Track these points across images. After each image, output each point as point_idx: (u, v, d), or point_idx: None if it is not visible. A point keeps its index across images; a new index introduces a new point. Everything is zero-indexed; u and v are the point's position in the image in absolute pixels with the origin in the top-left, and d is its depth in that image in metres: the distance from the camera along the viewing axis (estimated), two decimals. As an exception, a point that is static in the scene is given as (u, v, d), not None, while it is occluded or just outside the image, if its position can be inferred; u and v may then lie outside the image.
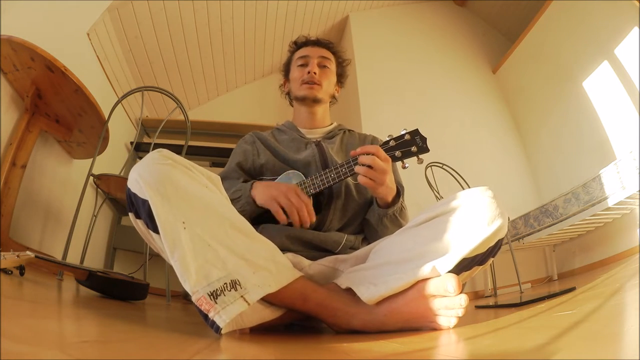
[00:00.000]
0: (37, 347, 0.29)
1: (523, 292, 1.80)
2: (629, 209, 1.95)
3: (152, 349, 0.39)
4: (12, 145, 1.31)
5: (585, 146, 2.49)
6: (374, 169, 0.76)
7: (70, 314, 0.60)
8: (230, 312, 0.51)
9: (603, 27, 2.39)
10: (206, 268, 0.54)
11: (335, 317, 0.63)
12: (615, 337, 0.41)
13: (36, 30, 1.42)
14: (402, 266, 0.62)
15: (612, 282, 1.23)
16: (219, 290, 0.52)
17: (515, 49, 3.11)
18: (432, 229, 0.65)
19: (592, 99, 2.47)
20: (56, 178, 1.68)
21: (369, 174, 0.76)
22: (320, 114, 1.08)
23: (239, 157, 1.00)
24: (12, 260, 0.75)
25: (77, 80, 1.32)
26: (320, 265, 0.78)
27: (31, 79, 1.33)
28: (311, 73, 1.03)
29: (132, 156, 2.19)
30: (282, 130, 1.08)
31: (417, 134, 0.82)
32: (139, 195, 0.58)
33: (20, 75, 1.32)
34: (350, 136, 1.09)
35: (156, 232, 0.56)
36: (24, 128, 1.35)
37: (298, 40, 1.15)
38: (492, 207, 0.61)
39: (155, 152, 0.60)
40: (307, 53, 1.08)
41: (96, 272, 1.02)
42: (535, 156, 2.97)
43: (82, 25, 1.88)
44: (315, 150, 0.97)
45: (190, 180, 0.59)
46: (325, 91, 1.06)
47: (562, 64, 2.73)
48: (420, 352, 0.44)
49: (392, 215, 0.86)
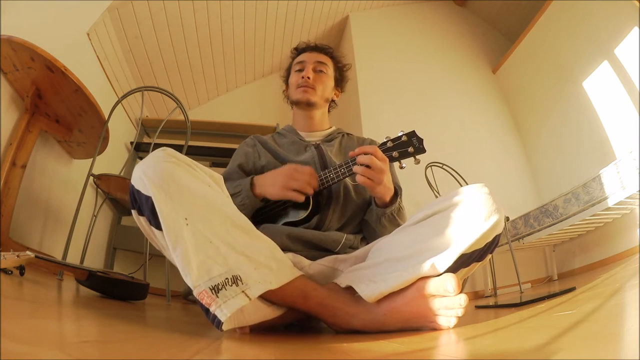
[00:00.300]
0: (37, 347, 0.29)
1: (523, 292, 1.80)
2: (629, 209, 1.95)
3: (152, 349, 0.39)
4: (12, 145, 1.31)
5: (585, 146, 2.49)
6: (372, 169, 0.78)
7: (70, 314, 0.60)
8: (231, 306, 0.52)
9: (603, 27, 2.39)
10: (208, 263, 0.54)
11: (335, 316, 0.63)
12: (615, 337, 0.41)
13: (36, 30, 1.41)
14: (402, 263, 0.63)
15: (612, 282, 1.23)
16: (221, 284, 0.53)
17: (515, 49, 3.11)
18: (430, 227, 0.66)
19: (592, 99, 2.47)
20: (56, 178, 1.68)
21: (367, 173, 0.78)
22: (318, 117, 1.10)
23: (240, 159, 1.02)
24: (12, 260, 0.75)
25: (77, 80, 1.32)
26: (320, 265, 0.78)
27: (31, 79, 1.33)
28: (305, 77, 1.05)
29: (132, 156, 2.19)
30: (282, 134, 1.11)
31: (414, 135, 0.84)
32: (142, 192, 0.59)
33: (20, 75, 1.32)
34: (348, 139, 1.11)
35: (159, 229, 0.57)
36: (24, 128, 1.35)
37: (298, 46, 1.17)
38: (488, 203, 0.62)
39: (159, 150, 0.62)
40: (304, 59, 1.10)
41: (96, 272, 1.02)
42: (535, 156, 2.97)
43: (82, 25, 1.88)
44: (314, 152, 0.98)
45: (193, 179, 0.60)
46: (319, 95, 1.07)
47: (562, 64, 2.73)
48: (420, 352, 0.44)
49: (390, 215, 0.87)
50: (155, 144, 1.91)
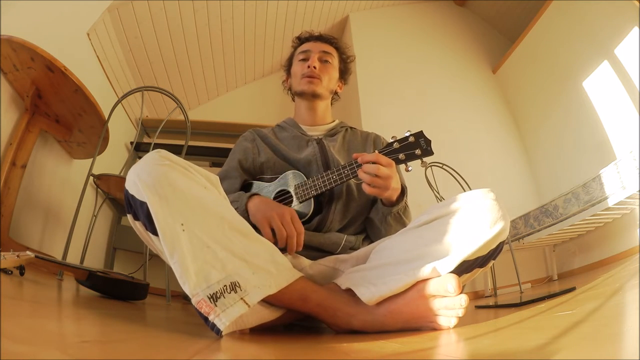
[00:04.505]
0: (37, 347, 0.29)
1: (523, 292, 1.80)
2: (629, 209, 1.95)
3: (152, 349, 0.39)
4: (12, 145, 1.31)
5: (585, 146, 2.49)
6: (379, 177, 0.75)
7: (70, 314, 0.60)
8: (230, 315, 0.51)
9: (603, 27, 2.39)
10: (205, 269, 0.53)
11: (335, 317, 0.63)
12: (615, 337, 0.41)
13: (36, 30, 1.41)
14: (403, 267, 0.62)
15: (612, 282, 1.23)
16: (219, 292, 0.52)
17: (515, 49, 3.11)
18: (433, 231, 0.65)
19: (592, 99, 2.47)
20: (56, 178, 1.68)
21: (375, 182, 0.76)
22: (322, 110, 1.07)
23: (239, 155, 1.00)
24: (12, 260, 0.75)
25: (77, 80, 1.32)
26: (321, 266, 0.78)
27: (31, 79, 1.33)
28: (311, 67, 1.01)
29: (132, 156, 2.19)
30: (283, 127, 1.07)
31: (422, 136, 0.81)
32: (136, 197, 0.57)
33: (20, 75, 1.32)
34: (352, 134, 1.08)
35: (155, 234, 0.56)
36: (24, 128, 1.34)
37: (301, 35, 1.13)
38: (494, 209, 0.61)
39: (153, 152, 0.60)
40: (309, 48, 1.06)
41: (96, 272, 1.02)
42: (535, 156, 2.97)
43: (82, 25, 1.88)
44: (316, 148, 0.96)
45: (189, 181, 0.58)
46: (325, 86, 1.03)
47: (562, 64, 2.73)
48: (420, 352, 0.44)
49: (396, 214, 0.86)
50: (155, 144, 1.91)
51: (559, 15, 2.72)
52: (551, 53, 2.82)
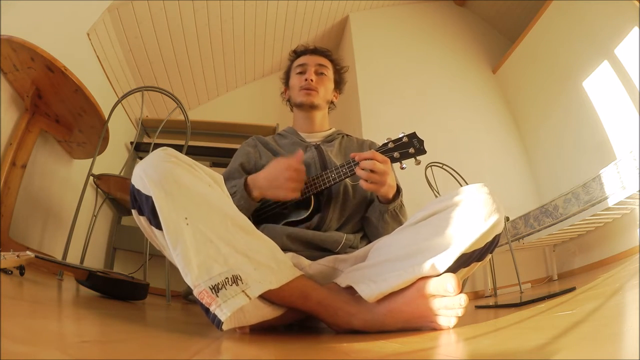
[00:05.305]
0: (37, 347, 0.29)
1: (523, 292, 1.80)
2: (629, 209, 1.95)
3: (152, 349, 0.39)
4: (12, 145, 1.31)
5: (585, 146, 2.49)
6: (375, 172, 0.78)
7: (70, 314, 0.60)
8: (231, 306, 0.52)
9: (603, 27, 2.39)
10: (208, 263, 0.54)
11: (336, 316, 0.63)
12: (615, 337, 0.41)
13: (36, 30, 1.41)
14: (402, 263, 0.63)
15: (612, 282, 1.23)
16: (221, 284, 0.53)
17: (515, 49, 3.11)
18: (430, 226, 0.66)
19: (592, 99, 2.47)
20: (56, 178, 1.68)
21: (372, 177, 0.79)
22: (319, 119, 1.12)
23: (241, 159, 1.02)
24: (12, 260, 0.75)
25: (77, 80, 1.32)
26: (320, 265, 0.78)
27: (31, 79, 1.33)
28: (308, 80, 1.07)
29: (132, 156, 2.19)
30: (283, 135, 1.12)
31: (415, 137, 0.85)
32: (142, 192, 0.59)
33: (20, 75, 1.32)
34: (348, 140, 1.12)
35: (159, 229, 0.57)
36: (24, 128, 1.35)
37: (297, 49, 1.19)
38: (488, 202, 0.63)
39: (160, 149, 0.62)
40: (305, 61, 1.11)
41: (96, 272, 1.02)
42: (535, 156, 2.97)
43: (82, 25, 1.88)
44: (314, 153, 0.99)
45: (194, 178, 0.60)
46: (322, 97, 1.09)
47: (562, 64, 2.73)
48: (420, 352, 0.44)
49: (392, 212, 0.88)
50: (155, 144, 1.91)
51: (559, 15, 2.72)
52: (551, 53, 2.82)
